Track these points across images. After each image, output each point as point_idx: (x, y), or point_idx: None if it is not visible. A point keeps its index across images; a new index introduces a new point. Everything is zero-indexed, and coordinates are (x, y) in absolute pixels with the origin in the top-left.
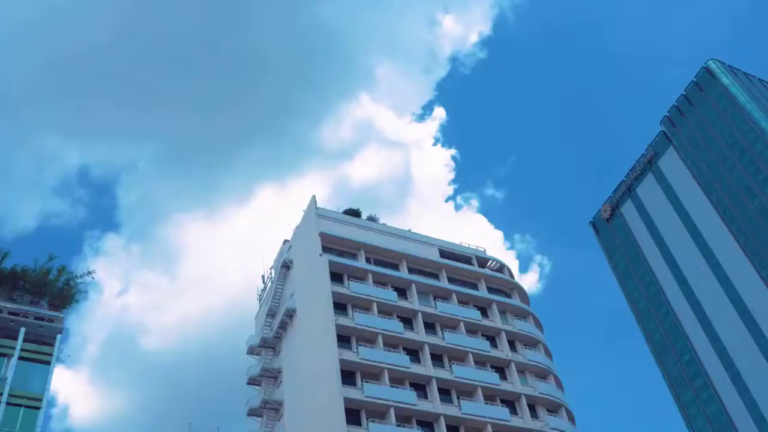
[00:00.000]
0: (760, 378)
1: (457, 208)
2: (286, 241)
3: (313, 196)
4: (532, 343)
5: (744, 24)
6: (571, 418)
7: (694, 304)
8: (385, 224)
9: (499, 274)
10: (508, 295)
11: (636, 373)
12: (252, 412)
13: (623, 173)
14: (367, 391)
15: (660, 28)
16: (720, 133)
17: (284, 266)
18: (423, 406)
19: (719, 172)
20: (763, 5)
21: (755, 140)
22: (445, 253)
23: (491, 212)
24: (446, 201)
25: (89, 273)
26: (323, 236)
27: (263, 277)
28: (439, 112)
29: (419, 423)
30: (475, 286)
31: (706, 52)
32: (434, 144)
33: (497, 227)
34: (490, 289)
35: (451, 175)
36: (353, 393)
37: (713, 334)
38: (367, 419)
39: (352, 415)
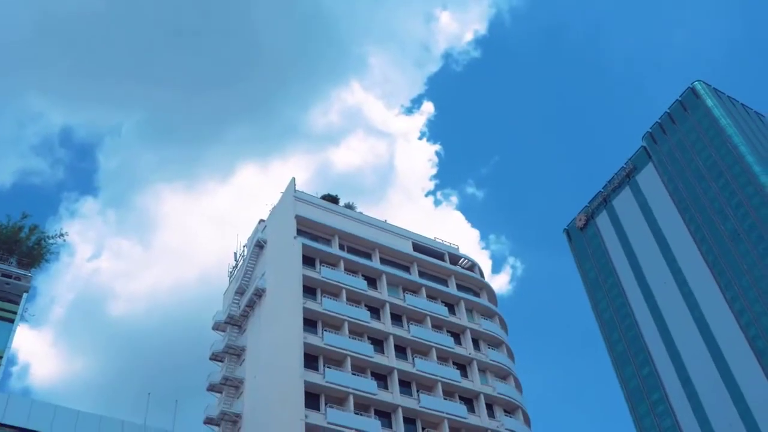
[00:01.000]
0: (715, 397)
1: (437, 203)
2: (261, 221)
3: (293, 179)
4: (495, 343)
5: (737, 48)
6: (527, 421)
7: (658, 319)
8: (361, 213)
9: (469, 273)
10: (477, 294)
11: (595, 382)
12: (212, 388)
13: (601, 183)
14: (328, 377)
15: (655, 41)
16: (699, 154)
17: (258, 245)
18: (382, 396)
19: (695, 192)
20: (756, 31)
21: (733, 163)
22: (418, 247)
23: (470, 211)
24: (426, 195)
25: (61, 234)
26: (299, 219)
27: (235, 254)
28: (428, 107)
29: (377, 413)
30: (445, 282)
31: (697, 70)
32: (420, 138)
33: (474, 226)
34: (460, 287)
35: (434, 171)
36: (314, 377)
37: (674, 350)
38: (326, 404)
39: (312, 399)
